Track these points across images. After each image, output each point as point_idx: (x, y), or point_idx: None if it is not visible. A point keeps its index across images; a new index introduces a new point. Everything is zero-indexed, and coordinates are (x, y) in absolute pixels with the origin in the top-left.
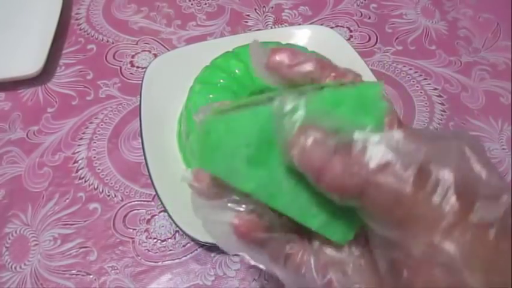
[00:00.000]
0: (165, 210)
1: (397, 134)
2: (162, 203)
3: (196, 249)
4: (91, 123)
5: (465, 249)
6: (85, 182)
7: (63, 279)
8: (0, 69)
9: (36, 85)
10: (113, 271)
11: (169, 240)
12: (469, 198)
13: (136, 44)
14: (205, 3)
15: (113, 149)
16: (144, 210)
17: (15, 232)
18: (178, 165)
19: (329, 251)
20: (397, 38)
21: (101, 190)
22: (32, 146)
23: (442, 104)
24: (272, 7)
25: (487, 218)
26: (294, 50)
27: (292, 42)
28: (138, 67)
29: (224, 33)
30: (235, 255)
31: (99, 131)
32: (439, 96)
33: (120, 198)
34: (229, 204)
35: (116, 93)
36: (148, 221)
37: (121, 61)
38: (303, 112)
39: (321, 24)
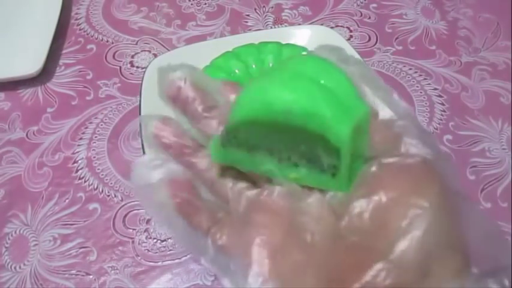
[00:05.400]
0: None
1: None
2: None
3: None
4: (91, 123)
5: None
6: (85, 182)
7: (63, 279)
8: (0, 69)
9: (36, 85)
10: (112, 271)
11: (169, 240)
12: None
13: (136, 44)
14: (205, 3)
15: (112, 149)
16: (144, 210)
17: (15, 232)
18: None
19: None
20: (397, 38)
21: (100, 190)
22: (32, 146)
23: (442, 104)
24: (272, 7)
25: None
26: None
27: (292, 42)
28: (138, 67)
29: (224, 33)
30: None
31: (98, 131)
32: (439, 96)
33: (120, 198)
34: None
35: (115, 93)
36: (148, 221)
37: (121, 61)
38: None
39: (321, 24)
